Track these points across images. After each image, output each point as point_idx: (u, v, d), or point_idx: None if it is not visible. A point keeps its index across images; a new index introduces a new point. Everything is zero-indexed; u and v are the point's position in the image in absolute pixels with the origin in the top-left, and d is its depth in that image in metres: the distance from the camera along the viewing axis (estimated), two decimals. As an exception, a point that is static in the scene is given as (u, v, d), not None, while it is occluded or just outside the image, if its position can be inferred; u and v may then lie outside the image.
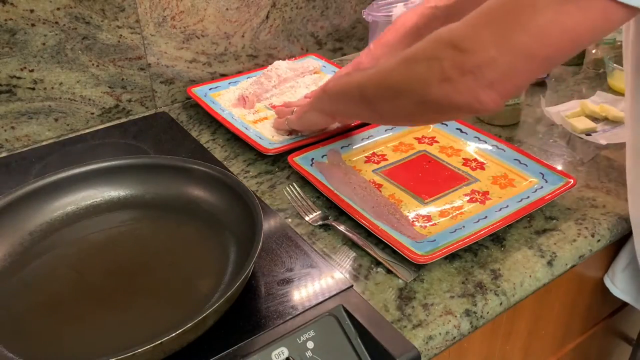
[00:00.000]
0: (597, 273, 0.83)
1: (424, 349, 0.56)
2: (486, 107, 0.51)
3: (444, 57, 0.51)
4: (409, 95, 0.56)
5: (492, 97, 0.50)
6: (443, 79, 0.51)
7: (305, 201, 0.73)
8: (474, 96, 0.50)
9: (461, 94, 0.51)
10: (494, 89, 0.50)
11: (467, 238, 0.64)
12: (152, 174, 0.71)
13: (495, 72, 0.49)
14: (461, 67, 0.50)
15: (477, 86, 0.50)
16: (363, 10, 1.04)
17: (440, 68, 0.51)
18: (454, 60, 0.50)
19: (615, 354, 1.06)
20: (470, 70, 0.49)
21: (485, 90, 0.50)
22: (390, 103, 0.60)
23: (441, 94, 0.52)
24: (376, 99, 0.62)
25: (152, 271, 0.62)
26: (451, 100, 0.52)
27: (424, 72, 0.53)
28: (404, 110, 0.59)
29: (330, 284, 0.60)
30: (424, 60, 0.53)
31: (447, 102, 0.52)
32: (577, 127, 0.89)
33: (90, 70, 0.90)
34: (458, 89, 0.51)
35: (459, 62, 0.50)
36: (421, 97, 0.55)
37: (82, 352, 0.53)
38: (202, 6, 0.96)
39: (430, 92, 0.53)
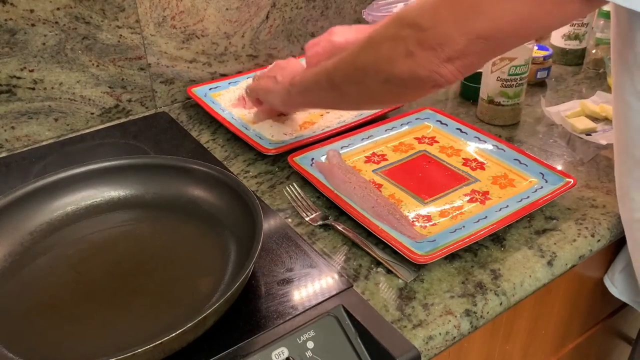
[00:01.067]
0: (597, 273, 0.83)
1: (424, 349, 0.56)
2: (446, 79, 0.55)
3: (406, 35, 0.55)
4: (375, 74, 0.60)
5: (451, 70, 0.54)
6: (406, 55, 0.55)
7: (305, 201, 0.73)
8: (434, 69, 0.54)
9: (423, 67, 0.54)
10: (452, 64, 0.54)
11: (467, 238, 0.64)
12: (152, 174, 0.71)
13: (453, 50, 0.53)
14: (422, 43, 0.54)
15: (437, 60, 0.53)
16: (363, 10, 1.04)
17: (404, 45, 0.55)
18: (416, 37, 0.54)
19: (615, 354, 1.06)
20: (431, 46, 0.53)
21: (445, 64, 0.54)
22: (357, 85, 0.63)
23: (405, 69, 0.56)
24: (343, 83, 0.65)
25: (152, 271, 0.62)
26: (414, 74, 0.55)
27: (389, 50, 0.57)
28: (371, 90, 0.63)
29: (330, 284, 0.60)
30: (388, 40, 0.57)
31: (411, 77, 0.56)
32: (577, 127, 0.89)
33: (90, 70, 0.90)
34: (420, 63, 0.54)
35: (421, 38, 0.54)
36: (387, 74, 0.58)
37: (82, 352, 0.53)
38: (202, 6, 0.96)
39: (395, 69, 0.57)
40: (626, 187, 0.65)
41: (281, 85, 0.77)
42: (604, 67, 1.07)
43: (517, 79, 0.89)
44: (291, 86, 0.75)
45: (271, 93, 0.80)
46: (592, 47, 1.10)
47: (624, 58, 0.58)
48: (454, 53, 0.53)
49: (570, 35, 1.11)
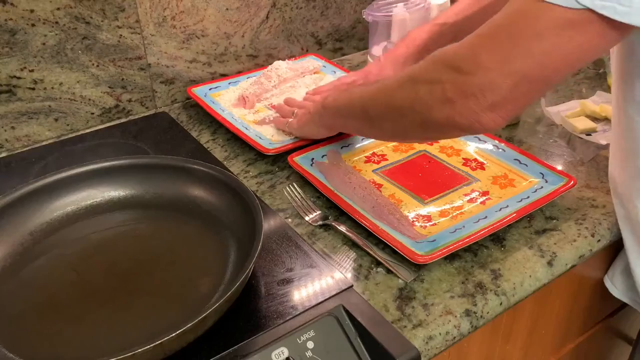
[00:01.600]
0: (597, 273, 0.83)
1: (424, 349, 0.56)
2: (487, 128, 0.52)
3: (445, 80, 0.52)
4: (411, 116, 0.57)
5: (493, 118, 0.51)
6: (444, 101, 0.52)
7: (305, 201, 0.73)
8: (475, 118, 0.51)
9: (462, 116, 0.51)
10: (495, 112, 0.50)
11: (467, 238, 0.64)
12: (152, 174, 0.71)
13: (496, 95, 0.50)
14: (462, 89, 0.50)
15: (478, 109, 0.50)
16: (363, 10, 1.04)
17: (441, 90, 0.52)
18: (455, 82, 0.51)
19: (615, 354, 1.06)
20: (472, 93, 0.50)
21: (487, 112, 0.50)
22: (393, 122, 0.61)
23: (443, 115, 0.53)
24: (378, 118, 0.63)
25: (152, 271, 0.62)
26: (453, 121, 0.53)
27: (426, 94, 0.54)
28: (407, 129, 0.60)
29: (330, 284, 0.60)
30: (426, 82, 0.54)
31: (449, 124, 0.53)
32: (577, 127, 0.89)
33: (90, 70, 0.90)
34: (459, 111, 0.51)
35: (460, 84, 0.51)
36: (423, 118, 0.55)
37: (82, 352, 0.53)
38: (202, 6, 0.96)
39: (433, 114, 0.54)
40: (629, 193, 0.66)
41: (313, 112, 0.76)
42: (604, 67, 1.07)
43: (517, 79, 0.88)
44: (323, 109, 0.74)
45: (308, 125, 0.79)
46: (592, 47, 1.10)
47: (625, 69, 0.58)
48: (498, 99, 0.50)
49: (570, 35, 1.10)
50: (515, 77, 0.49)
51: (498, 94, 0.49)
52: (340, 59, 1.18)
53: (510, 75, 0.49)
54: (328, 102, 0.73)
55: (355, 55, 1.20)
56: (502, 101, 0.50)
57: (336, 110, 0.72)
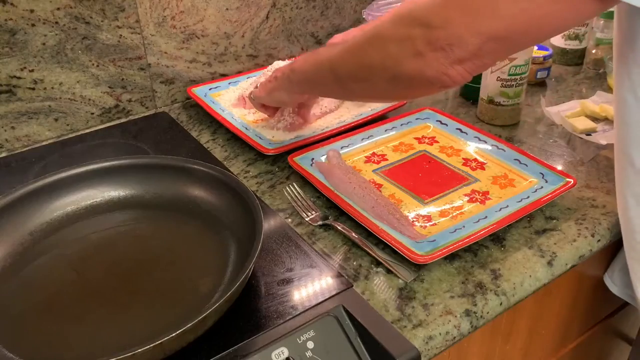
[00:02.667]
0: (597, 273, 0.83)
1: (424, 349, 0.56)
2: (455, 80, 0.54)
3: (415, 35, 0.53)
4: (381, 73, 0.58)
5: (460, 72, 0.53)
6: (414, 54, 0.54)
7: (305, 201, 0.73)
8: (443, 71, 0.53)
9: (431, 68, 0.53)
10: (462, 65, 0.52)
11: (467, 238, 0.64)
12: (152, 174, 0.71)
13: (464, 51, 0.51)
14: (432, 43, 0.52)
15: (446, 62, 0.52)
16: (363, 10, 1.04)
17: (412, 44, 0.54)
18: (425, 37, 0.53)
19: (615, 353, 1.06)
20: (441, 47, 0.52)
21: (454, 65, 0.52)
22: (362, 81, 0.62)
23: (413, 68, 0.55)
24: (347, 78, 0.64)
25: (152, 271, 0.62)
26: (422, 74, 0.54)
27: (396, 50, 0.56)
28: (376, 87, 0.62)
29: (330, 284, 0.60)
30: (395, 38, 0.56)
31: (419, 77, 0.55)
32: (577, 127, 0.89)
33: (90, 70, 0.90)
34: (429, 63, 0.53)
35: (430, 38, 0.52)
36: (393, 73, 0.57)
37: (82, 352, 0.53)
38: (202, 6, 0.96)
39: (403, 68, 0.55)
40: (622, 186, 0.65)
41: (281, 78, 0.75)
42: (604, 67, 1.07)
43: (517, 79, 0.89)
44: (292, 72, 0.73)
45: (275, 91, 0.78)
46: (592, 47, 1.10)
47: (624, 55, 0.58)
48: (465, 54, 0.51)
49: (570, 35, 1.11)
50: (483, 36, 0.50)
51: (465, 49, 0.51)
52: (340, 59, 1.18)
53: (477, 34, 0.50)
54: (295, 66, 0.72)
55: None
56: (469, 56, 0.52)
57: (305, 73, 0.71)
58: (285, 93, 0.77)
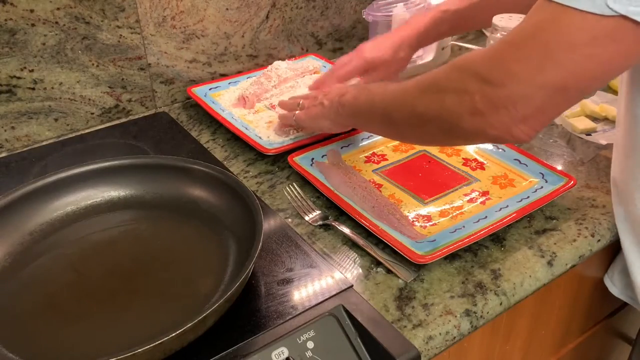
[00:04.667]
0: (597, 273, 0.83)
1: (424, 349, 0.56)
2: (518, 139, 0.51)
3: (474, 91, 0.50)
4: (437, 123, 0.56)
5: (524, 130, 0.50)
6: (474, 112, 0.50)
7: (305, 201, 0.73)
8: (506, 130, 0.50)
9: (493, 127, 0.50)
10: (527, 123, 0.49)
11: (467, 238, 0.64)
12: (152, 174, 0.71)
13: (529, 108, 0.48)
14: (493, 101, 0.49)
15: (510, 121, 0.49)
16: (363, 10, 1.04)
17: (470, 101, 0.50)
18: (484, 94, 0.49)
19: (615, 353, 1.06)
20: (504, 105, 0.48)
21: (519, 124, 0.49)
22: (418, 128, 0.60)
23: (472, 126, 0.52)
24: (401, 123, 0.61)
25: (152, 271, 0.62)
26: (483, 132, 0.51)
27: (454, 104, 0.52)
28: (432, 135, 0.59)
29: (330, 284, 0.60)
30: (452, 91, 0.53)
31: (478, 134, 0.52)
32: (577, 127, 0.89)
33: (90, 70, 0.90)
34: (490, 122, 0.50)
35: (491, 96, 0.49)
36: (451, 126, 0.54)
37: (82, 352, 0.53)
38: (202, 6, 0.96)
39: (461, 124, 0.52)
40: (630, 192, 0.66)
41: (329, 108, 0.74)
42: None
43: (517, 79, 0.88)
44: (341, 106, 0.71)
45: (321, 119, 0.76)
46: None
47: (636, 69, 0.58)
48: (530, 111, 0.48)
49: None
50: (548, 89, 0.47)
51: (530, 106, 0.48)
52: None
53: (542, 88, 0.47)
54: (346, 100, 0.71)
55: (355, 55, 1.20)
56: (534, 113, 0.48)
57: (355, 110, 0.70)
58: (330, 123, 0.76)
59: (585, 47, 0.46)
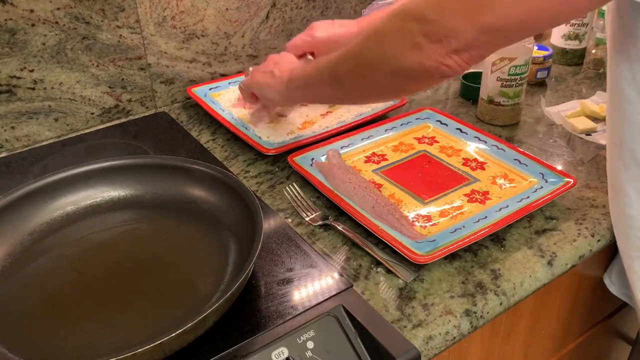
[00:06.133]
0: (597, 273, 0.83)
1: (424, 349, 0.56)
2: (453, 69, 0.55)
3: (412, 29, 0.55)
4: (381, 67, 0.60)
5: (458, 61, 0.55)
6: (413, 47, 0.55)
7: (305, 201, 0.73)
8: (442, 61, 0.55)
9: (430, 59, 0.55)
10: (459, 55, 0.54)
11: (467, 238, 0.64)
12: (152, 174, 0.71)
13: (460, 43, 0.53)
14: (429, 35, 0.54)
15: (444, 52, 0.54)
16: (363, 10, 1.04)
17: (410, 37, 0.55)
18: (422, 29, 0.54)
19: (615, 353, 1.06)
20: (438, 39, 0.54)
21: (452, 55, 0.54)
22: (363, 79, 0.63)
23: (412, 61, 0.56)
24: (348, 78, 0.65)
25: (152, 271, 0.62)
26: (421, 65, 0.56)
27: (395, 44, 0.57)
28: (377, 84, 0.63)
29: (330, 284, 0.60)
30: (394, 33, 0.58)
31: (418, 68, 0.56)
32: (577, 127, 0.89)
33: (90, 70, 0.90)
34: (427, 54, 0.55)
35: (428, 30, 0.54)
36: (393, 67, 0.58)
37: (82, 352, 0.53)
38: (202, 6, 0.96)
39: (402, 61, 0.57)
40: (620, 183, 0.65)
41: (279, 80, 0.76)
42: (604, 67, 1.07)
43: (517, 79, 0.89)
44: (290, 81, 0.74)
45: (268, 88, 0.78)
46: (592, 47, 1.10)
47: (625, 51, 0.58)
48: (462, 45, 0.53)
49: (570, 35, 1.11)
50: (479, 28, 0.52)
51: (462, 41, 0.53)
52: (340, 59, 1.18)
53: (472, 28, 0.52)
54: (295, 75, 0.73)
55: (355, 55, 1.20)
56: (466, 47, 0.53)
57: (304, 80, 0.72)
58: (277, 96, 0.77)
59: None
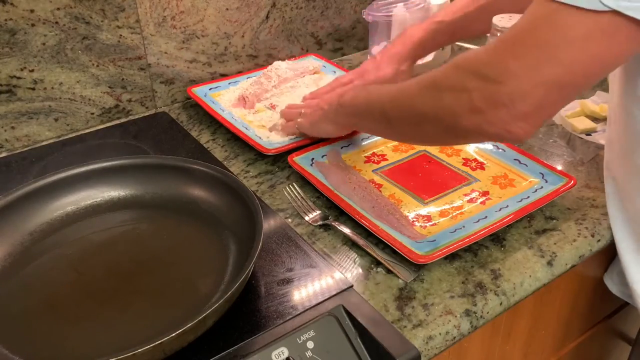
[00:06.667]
0: (597, 273, 0.83)
1: (424, 349, 0.56)
2: (517, 136, 0.51)
3: (472, 88, 0.50)
4: (435, 122, 0.56)
5: (523, 127, 0.50)
6: (472, 110, 0.51)
7: (305, 201, 0.73)
8: (505, 128, 0.50)
9: (492, 125, 0.51)
10: (525, 120, 0.50)
11: (467, 238, 0.64)
12: (152, 174, 0.71)
13: (527, 105, 0.49)
14: (492, 99, 0.49)
15: (508, 118, 0.49)
16: (363, 10, 1.04)
17: (469, 99, 0.51)
18: (483, 91, 0.50)
19: (615, 353, 1.06)
20: (502, 103, 0.49)
21: (517, 121, 0.50)
22: (415, 127, 0.60)
23: (471, 124, 0.52)
24: (398, 122, 0.62)
25: (152, 271, 0.62)
26: (481, 130, 0.52)
27: (452, 103, 0.53)
28: (429, 134, 0.59)
29: (330, 284, 0.60)
30: (451, 89, 0.53)
31: (477, 132, 0.52)
32: (577, 127, 0.89)
33: (90, 70, 0.90)
34: (489, 120, 0.50)
35: (489, 93, 0.50)
36: (449, 125, 0.54)
37: (82, 352, 0.53)
38: (202, 6, 0.96)
39: (459, 122, 0.53)
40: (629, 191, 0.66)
41: (328, 110, 0.75)
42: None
43: (517, 79, 0.88)
44: (340, 106, 0.72)
45: (320, 122, 0.77)
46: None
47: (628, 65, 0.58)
48: (529, 108, 0.49)
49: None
50: (545, 85, 0.48)
51: (528, 102, 0.48)
52: (340, 59, 1.18)
53: (540, 84, 0.48)
54: (345, 100, 0.72)
55: (355, 55, 1.20)
56: (532, 109, 0.49)
57: (354, 109, 0.71)
58: (331, 125, 0.77)
59: (580, 42, 0.47)
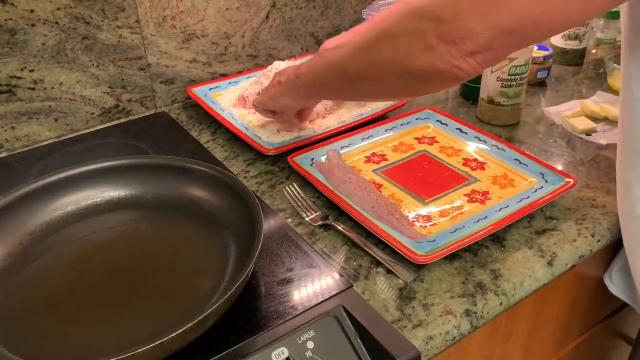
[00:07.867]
0: (597, 273, 0.83)
1: (424, 349, 0.56)
2: (467, 72, 0.54)
3: (426, 29, 0.53)
4: (392, 68, 0.58)
5: (472, 64, 0.53)
6: (426, 48, 0.53)
7: (305, 201, 0.73)
8: (455, 63, 0.53)
9: (443, 61, 0.53)
10: (474, 58, 0.52)
11: (467, 238, 0.64)
12: (152, 174, 0.71)
13: (475, 44, 0.51)
14: (444, 36, 0.52)
15: (458, 54, 0.52)
16: (363, 10, 1.04)
17: (423, 38, 0.53)
18: (436, 30, 0.52)
19: (615, 354, 1.06)
20: (452, 40, 0.52)
21: (466, 58, 0.52)
22: (373, 79, 0.62)
23: (424, 62, 0.54)
24: (358, 77, 0.63)
25: (152, 271, 0.62)
26: (434, 68, 0.54)
27: (407, 45, 0.55)
28: (387, 84, 0.61)
29: (330, 284, 0.60)
30: (406, 33, 0.56)
31: (430, 71, 0.55)
32: (577, 127, 0.89)
33: (90, 70, 0.90)
34: (440, 57, 0.53)
35: (441, 31, 0.52)
36: (405, 68, 0.57)
37: (82, 352, 0.53)
38: (202, 6, 0.96)
39: (414, 63, 0.55)
40: (627, 182, 0.65)
41: (286, 84, 0.75)
42: (604, 67, 1.07)
43: (517, 79, 0.89)
44: (297, 78, 0.72)
45: (279, 96, 0.77)
46: (592, 47, 1.10)
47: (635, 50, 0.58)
48: (477, 47, 0.51)
49: (570, 35, 1.11)
50: (494, 29, 0.50)
51: (477, 42, 0.51)
52: (340, 59, 1.18)
53: (489, 28, 0.50)
54: (302, 72, 0.72)
55: (355, 55, 1.20)
56: (480, 49, 0.52)
57: (312, 78, 0.71)
58: (290, 98, 0.77)
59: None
